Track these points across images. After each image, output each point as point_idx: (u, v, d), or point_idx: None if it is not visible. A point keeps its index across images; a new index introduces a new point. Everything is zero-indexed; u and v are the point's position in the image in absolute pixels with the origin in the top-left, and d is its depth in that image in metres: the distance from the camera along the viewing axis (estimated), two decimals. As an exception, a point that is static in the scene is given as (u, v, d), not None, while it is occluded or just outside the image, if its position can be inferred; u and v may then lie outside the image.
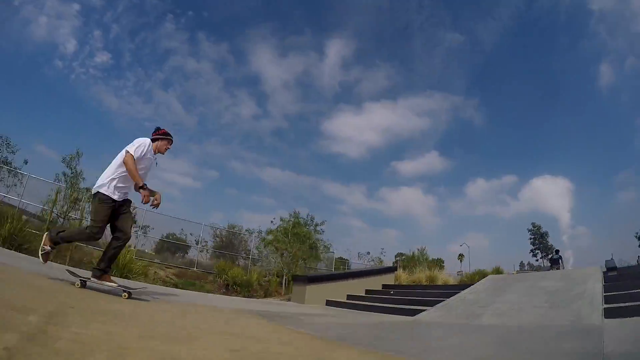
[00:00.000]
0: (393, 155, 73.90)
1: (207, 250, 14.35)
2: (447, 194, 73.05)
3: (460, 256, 40.49)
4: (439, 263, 20.96)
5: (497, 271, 15.23)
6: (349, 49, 71.53)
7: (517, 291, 6.14)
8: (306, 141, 71.66)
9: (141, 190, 3.40)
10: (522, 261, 53.11)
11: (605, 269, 8.01)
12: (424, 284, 11.11)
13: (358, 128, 74.19)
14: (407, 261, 16.55)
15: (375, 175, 74.59)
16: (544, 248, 53.59)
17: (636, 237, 40.41)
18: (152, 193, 3.50)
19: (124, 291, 3.24)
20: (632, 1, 54.87)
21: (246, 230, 16.50)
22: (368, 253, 21.54)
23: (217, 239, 15.06)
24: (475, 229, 70.20)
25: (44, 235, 3.36)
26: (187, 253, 14.92)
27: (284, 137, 70.77)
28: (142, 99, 61.73)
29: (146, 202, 3.41)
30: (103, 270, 3.36)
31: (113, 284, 3.37)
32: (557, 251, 17.36)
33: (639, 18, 57.91)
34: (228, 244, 14.97)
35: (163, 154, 3.76)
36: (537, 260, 53.77)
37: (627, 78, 56.82)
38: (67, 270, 3.91)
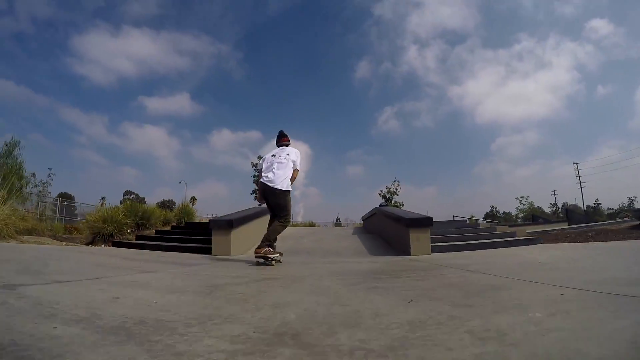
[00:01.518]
0: (143, 89, 69.61)
1: None
2: (191, 139, 71.31)
3: (193, 199, 41.59)
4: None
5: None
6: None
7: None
8: (49, 55, 61.65)
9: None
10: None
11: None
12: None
13: (111, 52, 65.19)
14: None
15: (120, 107, 68.94)
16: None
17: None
18: None
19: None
20: (408, 19, 70.26)
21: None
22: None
23: None
24: (215, 177, 71.71)
25: (266, 249, 3.85)
26: None
27: (25, 44, 58.50)
28: None
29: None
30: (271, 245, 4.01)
31: (277, 254, 4.01)
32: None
33: (406, 34, 69.51)
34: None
35: None
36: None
37: (379, 78, 71.10)
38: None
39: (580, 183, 36.12)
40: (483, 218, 31.75)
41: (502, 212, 52.22)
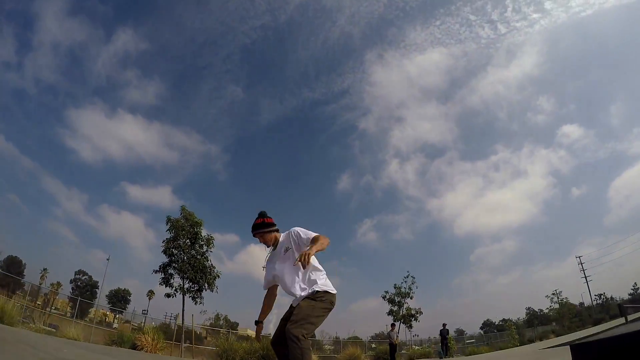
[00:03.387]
0: (127, 175, 69.50)
1: None
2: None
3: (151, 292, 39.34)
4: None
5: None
6: (139, 45, 66.42)
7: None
8: (43, 120, 63.24)
9: None
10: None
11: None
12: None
13: (103, 132, 67.82)
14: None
15: (102, 188, 70.26)
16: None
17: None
18: None
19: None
20: (390, 134, 75.72)
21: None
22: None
23: None
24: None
25: None
26: None
27: (23, 104, 60.13)
28: None
29: None
30: None
31: None
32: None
33: (388, 148, 75.26)
34: None
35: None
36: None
37: (360, 190, 73.62)
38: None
39: (585, 277, 32.54)
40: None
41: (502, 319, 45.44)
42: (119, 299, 43.36)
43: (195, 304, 12.23)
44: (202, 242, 12.72)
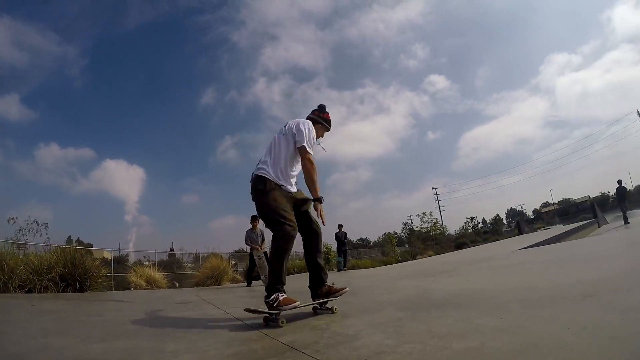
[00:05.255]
0: None
1: None
2: (14, 151, 56.39)
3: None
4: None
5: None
6: None
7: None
8: None
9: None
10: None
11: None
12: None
13: None
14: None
15: None
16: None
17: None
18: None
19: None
20: (262, 51, 73.46)
21: None
22: None
23: None
24: (37, 199, 55.53)
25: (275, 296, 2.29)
26: None
27: None
28: None
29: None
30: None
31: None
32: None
33: (256, 66, 74.11)
34: None
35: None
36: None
37: (223, 105, 72.01)
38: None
39: (439, 207, 38.81)
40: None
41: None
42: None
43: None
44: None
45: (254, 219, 7.27)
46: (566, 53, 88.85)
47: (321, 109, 2.87)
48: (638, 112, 37.16)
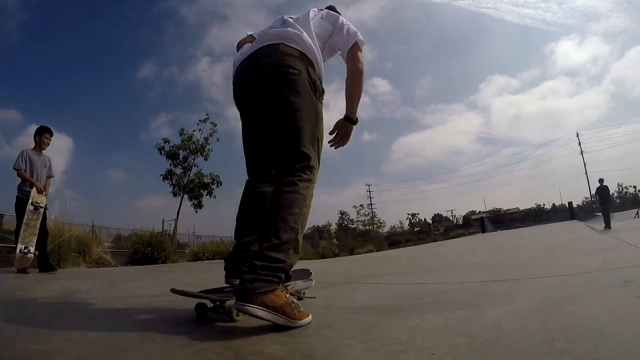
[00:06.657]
0: None
1: None
2: None
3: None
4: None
5: None
6: None
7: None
8: None
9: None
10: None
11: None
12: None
13: None
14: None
15: None
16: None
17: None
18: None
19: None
20: (209, 30, 69.07)
21: None
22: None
23: None
24: None
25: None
26: None
27: None
28: None
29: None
30: None
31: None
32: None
33: (201, 45, 69.39)
34: None
35: None
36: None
37: (161, 81, 68.51)
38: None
39: (371, 204, 36.79)
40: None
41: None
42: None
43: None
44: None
45: (44, 131, 4.08)
46: (507, 76, 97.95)
47: None
48: (577, 134, 40.93)
